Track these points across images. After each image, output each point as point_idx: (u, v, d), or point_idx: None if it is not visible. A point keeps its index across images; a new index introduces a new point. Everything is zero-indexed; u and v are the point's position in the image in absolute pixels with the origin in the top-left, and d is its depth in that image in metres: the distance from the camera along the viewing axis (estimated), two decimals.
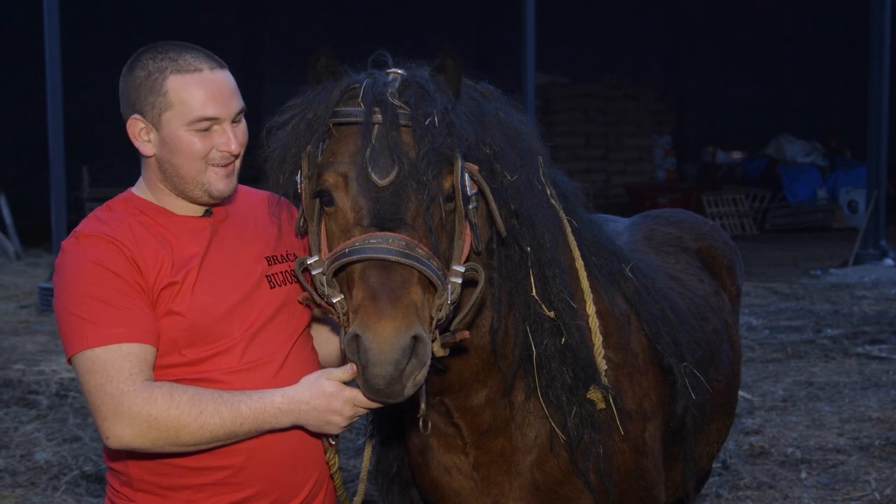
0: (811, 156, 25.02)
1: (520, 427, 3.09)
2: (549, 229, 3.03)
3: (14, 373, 9.27)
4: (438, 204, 2.61)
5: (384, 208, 2.55)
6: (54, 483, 6.38)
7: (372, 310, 2.46)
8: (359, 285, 2.52)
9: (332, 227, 2.67)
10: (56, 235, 12.65)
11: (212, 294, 2.89)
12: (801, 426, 7.55)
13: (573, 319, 3.04)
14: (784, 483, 6.36)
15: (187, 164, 2.90)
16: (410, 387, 2.50)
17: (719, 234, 4.74)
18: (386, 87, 2.66)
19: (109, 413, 2.70)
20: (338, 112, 2.65)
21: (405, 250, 2.50)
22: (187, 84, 2.86)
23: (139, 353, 2.75)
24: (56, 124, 12.47)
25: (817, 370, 9.31)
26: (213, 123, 2.89)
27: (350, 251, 2.53)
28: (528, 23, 14.32)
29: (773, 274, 15.49)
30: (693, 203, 21.08)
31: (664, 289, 3.71)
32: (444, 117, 2.60)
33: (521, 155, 2.98)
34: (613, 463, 3.15)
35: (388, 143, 2.57)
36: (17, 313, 12.76)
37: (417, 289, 2.52)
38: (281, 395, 2.78)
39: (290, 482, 2.97)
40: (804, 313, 12.11)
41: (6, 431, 7.49)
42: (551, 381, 3.03)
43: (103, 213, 2.97)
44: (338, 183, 2.62)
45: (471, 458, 3.14)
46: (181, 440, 2.72)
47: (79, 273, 2.80)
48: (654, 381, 3.35)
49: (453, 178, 2.64)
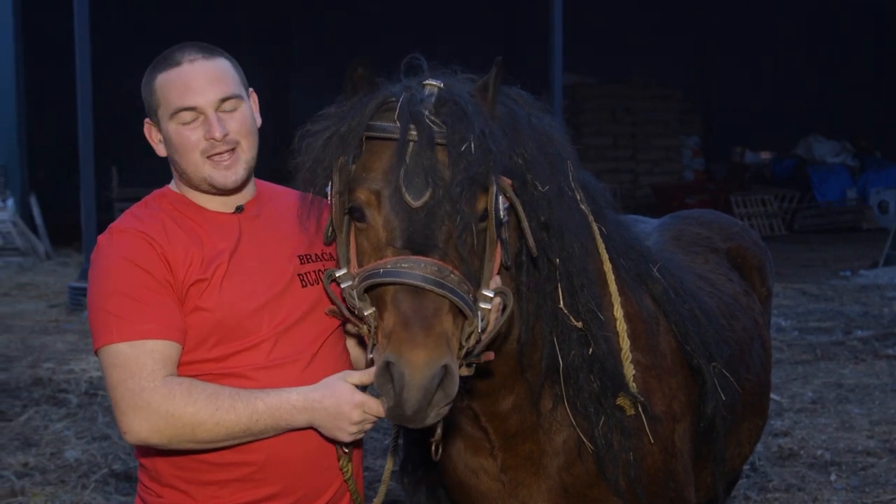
0: (841, 156, 24.85)
1: (547, 432, 3.08)
2: (578, 238, 3.01)
3: (44, 371, 9.35)
4: (471, 229, 2.59)
5: (417, 231, 2.54)
6: (84, 481, 6.42)
7: (405, 337, 2.46)
8: (390, 309, 2.52)
9: (362, 242, 2.66)
10: (86, 235, 12.75)
11: (240, 290, 2.90)
12: (831, 428, 7.50)
13: (601, 330, 3.02)
14: (813, 485, 6.31)
15: (185, 159, 2.94)
16: (433, 417, 2.52)
17: (749, 235, 4.71)
18: (422, 103, 2.63)
19: (128, 408, 2.74)
20: (372, 126, 2.64)
21: (437, 277, 2.49)
22: (167, 79, 2.92)
23: (163, 350, 2.78)
24: (86, 126, 12.55)
25: (847, 372, 9.24)
26: (196, 113, 2.91)
27: (384, 272, 2.52)
28: (556, 23, 14.29)
29: (802, 275, 15.38)
30: (721, 203, 20.95)
31: (693, 288, 3.69)
32: (482, 143, 2.58)
33: (551, 162, 2.96)
34: (643, 466, 3.13)
35: (422, 164, 2.55)
36: (48, 312, 12.87)
37: (448, 317, 2.52)
38: (297, 393, 2.79)
39: (313, 483, 2.98)
40: (834, 314, 12.02)
41: (36, 430, 7.55)
42: (578, 392, 3.02)
43: (139, 209, 3.02)
44: (370, 200, 2.61)
45: (498, 461, 3.13)
46: (197, 437, 2.74)
47: (110, 269, 2.84)
48: (683, 382, 3.34)
49: (487, 200, 2.63)
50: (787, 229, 22.36)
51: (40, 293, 14.44)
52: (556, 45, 14.30)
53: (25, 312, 12.87)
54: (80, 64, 12.52)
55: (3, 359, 10.01)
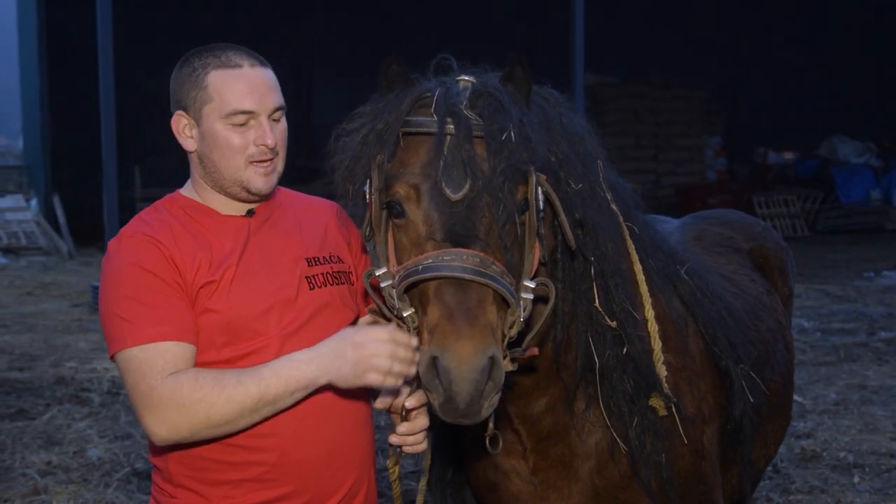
0: (864, 156, 24.71)
1: (580, 434, 3.06)
2: (611, 238, 3.00)
3: (67, 371, 9.41)
4: (513, 216, 2.58)
5: (458, 223, 2.52)
6: (106, 480, 6.45)
7: (450, 329, 2.43)
8: (434, 303, 2.50)
9: (401, 238, 2.64)
10: (108, 235, 12.81)
11: (248, 293, 2.90)
12: (854, 430, 7.45)
13: (635, 330, 3.01)
14: (836, 487, 6.28)
15: (226, 160, 2.93)
16: (487, 408, 2.48)
17: (771, 235, 4.69)
18: (458, 97, 2.63)
19: (145, 410, 2.74)
20: (409, 121, 2.63)
21: (480, 268, 2.47)
22: (227, 78, 2.91)
23: (174, 350, 2.78)
24: (109, 126, 12.62)
25: (870, 373, 9.18)
26: (250, 118, 2.91)
27: (424, 268, 2.50)
28: (577, 22, 14.27)
29: (825, 276, 15.31)
30: (744, 204, 20.86)
31: (718, 289, 3.67)
32: (521, 131, 2.58)
33: (583, 161, 2.95)
34: (674, 468, 3.12)
35: (461, 156, 2.54)
36: (70, 312, 12.95)
37: (493, 307, 2.50)
38: (301, 351, 2.78)
39: (326, 482, 2.97)
40: (857, 315, 11.96)
41: (59, 428, 7.60)
42: (613, 392, 3.00)
43: (148, 214, 3.02)
44: (409, 195, 2.59)
45: (530, 463, 3.12)
46: (212, 420, 2.72)
47: (119, 275, 2.85)
48: (711, 384, 3.32)
49: (527, 191, 2.61)
50: (811, 230, 22.27)
51: (63, 293, 14.54)
52: (578, 44, 14.27)
53: (48, 312, 12.96)
54: (102, 64, 12.58)
55: (26, 358, 10.09)
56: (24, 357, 10.11)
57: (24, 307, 13.34)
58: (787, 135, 26.11)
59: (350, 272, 3.15)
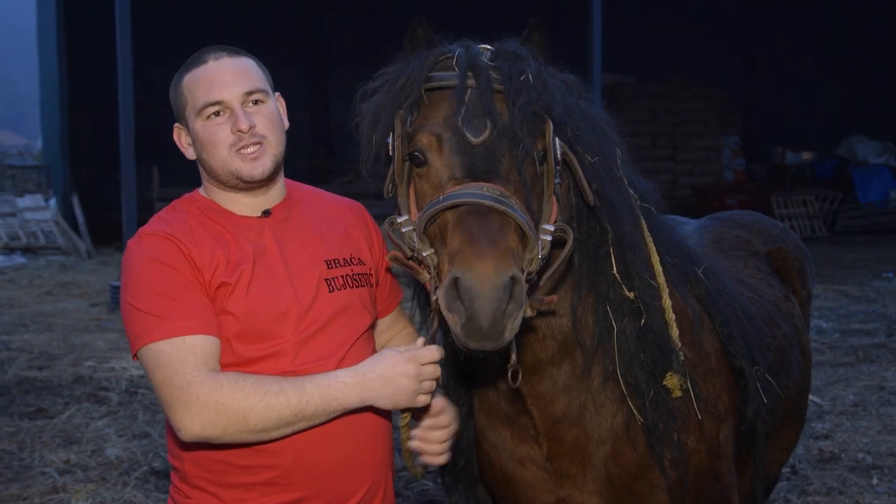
0: (884, 156, 24.57)
1: (594, 416, 3.06)
2: (628, 215, 3.05)
3: (85, 370, 9.45)
4: (532, 160, 2.66)
5: (478, 162, 2.60)
6: (124, 478, 6.48)
7: (472, 251, 2.46)
8: (455, 231, 2.53)
9: (423, 186, 2.70)
10: (127, 234, 12.85)
11: (266, 295, 2.89)
12: (873, 431, 7.42)
13: (653, 300, 3.03)
14: (855, 489, 6.25)
15: (212, 156, 2.95)
16: (510, 330, 2.49)
17: (789, 237, 4.67)
18: (480, 55, 2.73)
19: (179, 405, 2.72)
20: (431, 77, 2.73)
21: (501, 198, 2.53)
22: (194, 77, 2.96)
23: (203, 344, 2.77)
24: (127, 126, 12.66)
25: (889, 374, 9.13)
26: (222, 108, 2.93)
27: (444, 198, 2.56)
28: (595, 22, 14.26)
29: (843, 276, 15.24)
30: (762, 204, 20.78)
31: (735, 294, 3.66)
32: (539, 76, 2.68)
33: (601, 142, 3.00)
34: (689, 463, 3.11)
35: (481, 105, 2.63)
36: (89, 311, 13.01)
37: (514, 236, 2.55)
38: (345, 371, 2.80)
39: (340, 487, 2.95)
40: (876, 316, 11.90)
41: (78, 427, 7.64)
42: (630, 362, 3.01)
43: (167, 213, 3.03)
44: (431, 143, 2.68)
45: (544, 449, 3.11)
46: (249, 424, 2.72)
47: (141, 270, 2.85)
48: (726, 383, 3.31)
49: (545, 140, 2.68)
50: (829, 230, 22.16)
51: (82, 292, 14.60)
52: (596, 44, 14.27)
53: (67, 311, 13.02)
54: (121, 64, 12.62)
55: (45, 357, 10.14)
56: (42, 356, 10.16)
57: (43, 306, 13.40)
58: (805, 135, 26.01)
59: (370, 274, 3.14)
